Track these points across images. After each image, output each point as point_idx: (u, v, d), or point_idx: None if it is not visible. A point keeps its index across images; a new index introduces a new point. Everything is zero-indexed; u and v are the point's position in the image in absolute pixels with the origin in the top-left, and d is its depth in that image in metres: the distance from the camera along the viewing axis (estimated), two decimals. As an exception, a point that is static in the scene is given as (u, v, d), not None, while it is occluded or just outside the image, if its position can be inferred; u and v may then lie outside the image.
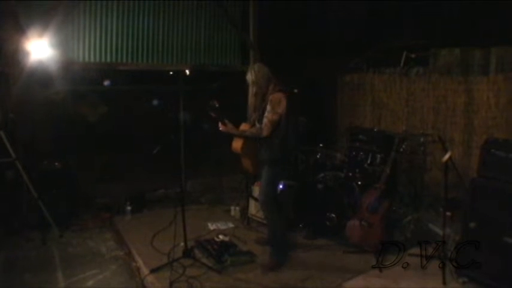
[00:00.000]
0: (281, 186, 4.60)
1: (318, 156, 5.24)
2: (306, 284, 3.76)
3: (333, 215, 4.72)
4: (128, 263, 4.31)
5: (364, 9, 6.43)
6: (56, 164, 5.39)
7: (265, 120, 3.91)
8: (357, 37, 6.52)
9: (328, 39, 6.49)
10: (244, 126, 4.24)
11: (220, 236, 4.39)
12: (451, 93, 5.49)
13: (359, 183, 4.79)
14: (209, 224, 5.14)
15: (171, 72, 6.15)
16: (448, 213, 4.21)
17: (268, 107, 3.91)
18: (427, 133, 5.22)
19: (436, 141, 4.90)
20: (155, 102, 6.40)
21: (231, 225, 5.15)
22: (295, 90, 5.78)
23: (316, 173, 5.05)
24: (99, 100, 5.93)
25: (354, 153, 5.22)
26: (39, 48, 4.76)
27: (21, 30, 4.77)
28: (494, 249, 3.41)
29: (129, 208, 5.44)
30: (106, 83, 5.84)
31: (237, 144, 4.17)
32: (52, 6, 4.87)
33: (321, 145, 5.36)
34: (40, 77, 4.98)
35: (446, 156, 3.80)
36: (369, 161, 4.99)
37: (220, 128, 4.12)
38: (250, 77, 4.14)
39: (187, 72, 5.98)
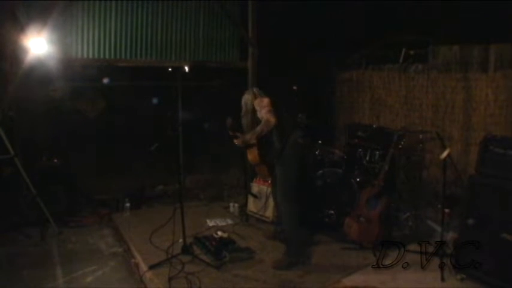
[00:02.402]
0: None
1: (316, 153, 5.24)
2: (305, 280, 3.76)
3: (332, 212, 4.73)
4: (126, 260, 4.32)
5: (363, 6, 6.41)
6: (55, 160, 5.40)
7: (262, 115, 4.00)
8: (356, 34, 6.52)
9: (327, 35, 6.47)
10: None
11: (219, 233, 4.39)
12: (450, 90, 5.49)
13: (357, 179, 4.80)
14: (208, 221, 5.15)
15: (169, 69, 6.14)
16: (447, 210, 4.23)
17: (257, 108, 4.10)
18: (425, 130, 5.23)
19: (435, 138, 4.90)
20: (154, 98, 6.39)
21: (229, 221, 5.16)
22: (294, 87, 5.80)
23: (315, 170, 5.05)
24: (97, 96, 5.92)
25: (352, 150, 5.22)
26: (38, 45, 4.75)
27: (20, 27, 4.76)
28: (492, 246, 3.42)
29: (128, 204, 5.44)
30: (105, 79, 5.82)
31: (253, 155, 4.22)
32: (51, 3, 4.86)
33: (319, 142, 5.36)
34: (39, 74, 4.97)
35: (445, 153, 3.81)
36: (367, 158, 4.99)
37: (236, 143, 4.17)
38: (249, 102, 4.24)
39: (186, 68, 5.97)
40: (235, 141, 4.17)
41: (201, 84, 6.32)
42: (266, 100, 4.11)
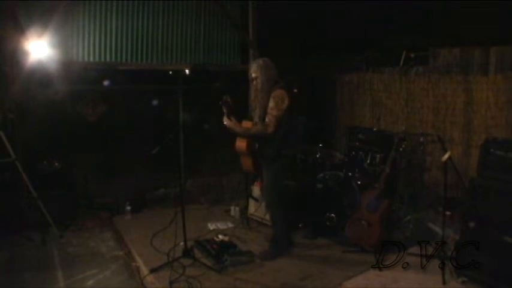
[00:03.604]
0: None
1: (317, 156, 5.24)
2: (306, 283, 3.76)
3: (333, 215, 4.73)
4: (127, 263, 4.31)
5: (364, 8, 6.42)
6: (56, 164, 5.40)
7: (269, 116, 3.93)
8: (356, 36, 6.52)
9: (327, 38, 6.48)
10: (245, 124, 4.20)
11: (220, 236, 4.39)
12: (451, 92, 5.48)
13: (358, 182, 4.79)
14: (209, 224, 5.14)
15: (170, 72, 6.14)
16: (448, 213, 4.22)
17: (271, 104, 3.94)
18: (426, 133, 5.22)
19: (436, 141, 4.91)
20: (155, 101, 6.40)
21: (230, 225, 5.15)
22: (295, 90, 5.80)
23: (316, 173, 5.05)
24: (98, 100, 5.92)
25: (353, 153, 5.22)
26: (39, 48, 4.76)
27: (20, 30, 4.77)
28: (494, 249, 3.41)
29: (129, 208, 5.44)
30: (105, 82, 5.83)
31: (241, 144, 4.17)
32: (52, 6, 4.87)
33: (320, 145, 5.36)
34: (39, 77, 4.98)
35: (446, 156, 3.81)
36: (368, 161, 4.99)
37: (225, 122, 4.12)
38: (254, 72, 4.12)
39: (187, 71, 5.98)
40: (225, 121, 4.10)
41: (202, 86, 6.33)
42: (286, 103, 3.92)
